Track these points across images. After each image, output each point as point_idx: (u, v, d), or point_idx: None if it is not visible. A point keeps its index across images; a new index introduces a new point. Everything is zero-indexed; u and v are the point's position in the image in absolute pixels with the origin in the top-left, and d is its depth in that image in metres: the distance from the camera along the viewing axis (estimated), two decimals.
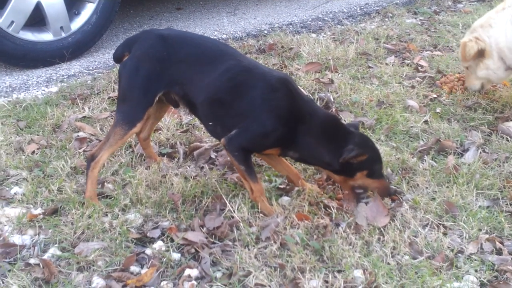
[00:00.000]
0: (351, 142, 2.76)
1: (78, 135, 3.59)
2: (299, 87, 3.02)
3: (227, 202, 2.88)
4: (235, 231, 2.72)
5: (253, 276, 2.44)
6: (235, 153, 2.78)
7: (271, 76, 2.83)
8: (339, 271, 2.51)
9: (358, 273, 2.47)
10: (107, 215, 2.83)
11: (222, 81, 2.80)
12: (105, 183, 3.08)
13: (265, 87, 2.79)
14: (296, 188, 3.04)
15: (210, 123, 2.91)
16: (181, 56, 2.89)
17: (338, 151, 2.74)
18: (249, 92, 2.78)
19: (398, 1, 6.99)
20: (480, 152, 3.44)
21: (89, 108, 3.97)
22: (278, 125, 2.75)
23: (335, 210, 2.86)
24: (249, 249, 2.60)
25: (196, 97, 2.87)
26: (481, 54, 3.81)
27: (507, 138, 3.59)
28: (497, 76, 3.88)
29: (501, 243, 2.70)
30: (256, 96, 2.78)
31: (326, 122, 2.83)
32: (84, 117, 3.86)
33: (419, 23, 6.08)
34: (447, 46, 5.28)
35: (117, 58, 3.04)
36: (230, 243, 2.67)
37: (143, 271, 2.50)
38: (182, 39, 2.98)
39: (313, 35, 5.60)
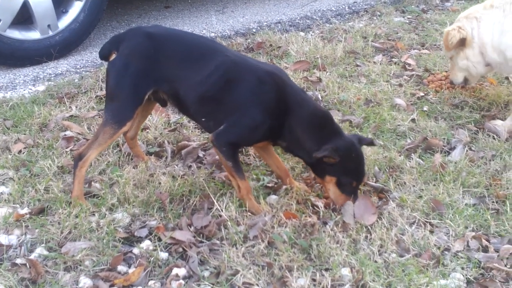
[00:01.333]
0: (334, 142, 2.74)
1: (65, 134, 3.57)
2: (289, 78, 3.00)
3: (215, 201, 2.87)
4: (222, 230, 2.72)
5: (240, 275, 2.44)
6: (223, 149, 2.78)
7: (259, 69, 2.84)
8: (326, 269, 2.51)
9: (345, 271, 2.48)
10: (94, 214, 2.82)
11: (211, 77, 2.80)
12: (92, 183, 3.07)
13: (253, 80, 2.79)
14: (284, 187, 3.04)
15: (203, 119, 2.92)
16: (169, 54, 2.88)
17: (317, 146, 2.73)
18: (238, 87, 2.79)
19: (386, 0, 7.00)
20: (467, 150, 3.46)
21: (76, 107, 3.95)
22: (266, 118, 2.75)
23: (323, 209, 2.87)
24: (236, 248, 2.60)
25: (186, 94, 2.87)
26: (462, 43, 3.83)
27: (493, 136, 3.61)
28: (476, 70, 3.89)
29: (487, 240, 2.72)
30: (245, 90, 2.78)
31: (314, 114, 2.82)
32: (71, 116, 3.84)
33: (407, 21, 6.10)
34: (435, 45, 5.30)
35: (104, 56, 3.02)
36: (218, 242, 2.67)
37: (131, 270, 2.50)
38: (170, 36, 2.97)
39: (302, 33, 5.60)
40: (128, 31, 3.09)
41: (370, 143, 2.98)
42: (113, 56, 2.92)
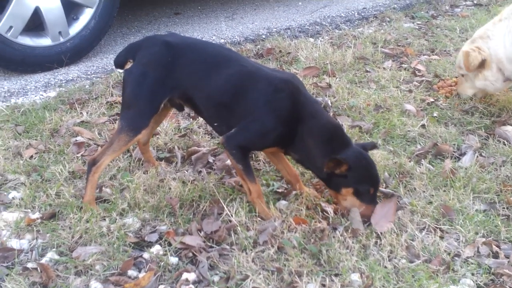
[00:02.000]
0: (345, 152, 2.72)
1: (76, 140, 3.60)
2: (305, 87, 3.01)
3: (224, 206, 2.88)
4: (232, 235, 2.73)
5: (250, 280, 2.44)
6: (233, 151, 2.79)
7: (275, 77, 2.84)
8: (336, 275, 2.51)
9: (355, 276, 2.48)
10: (105, 219, 2.84)
11: (227, 86, 2.82)
12: (103, 188, 3.09)
13: (268, 88, 2.79)
14: (294, 192, 3.05)
15: (216, 124, 2.94)
16: (186, 62, 2.89)
17: (326, 158, 2.71)
18: (253, 95, 2.79)
19: (395, 6, 7.01)
20: (477, 156, 3.45)
21: (87, 113, 3.98)
22: (278, 124, 2.76)
23: (332, 214, 2.87)
24: (246, 253, 2.60)
25: (201, 102, 2.89)
26: (481, 65, 3.83)
27: (504, 142, 3.60)
28: (494, 87, 3.92)
29: (498, 246, 2.71)
30: (259, 97, 2.79)
31: (327, 127, 2.81)
32: (82, 121, 3.87)
33: (417, 27, 6.10)
34: (445, 51, 5.30)
35: (119, 64, 3.03)
36: (228, 247, 2.67)
37: (141, 275, 2.50)
38: (187, 45, 2.98)
39: (311, 39, 5.62)
40: (145, 39, 3.09)
41: (373, 146, 2.98)
42: (129, 65, 2.94)
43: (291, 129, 2.77)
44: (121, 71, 4.48)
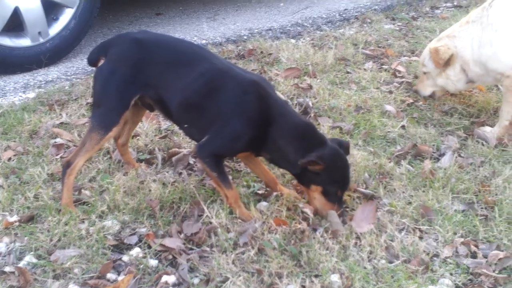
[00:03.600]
0: (319, 150, 2.73)
1: (55, 142, 3.57)
2: (274, 89, 3.01)
3: (205, 208, 2.87)
4: (213, 237, 2.72)
5: (230, 282, 2.44)
6: (206, 160, 2.79)
7: (243, 79, 2.83)
8: (316, 276, 2.52)
9: (335, 277, 2.49)
10: (83, 222, 2.81)
11: (196, 85, 2.81)
12: (82, 190, 3.07)
13: (236, 90, 2.79)
14: (274, 193, 3.05)
15: (186, 126, 2.93)
16: (156, 60, 2.88)
17: (302, 156, 2.72)
18: (221, 95, 2.79)
19: (376, 7, 7.05)
20: (456, 157, 3.48)
21: (66, 114, 3.95)
22: (248, 128, 2.76)
23: (312, 215, 2.87)
24: (226, 255, 2.60)
25: (170, 100, 2.87)
26: (448, 62, 3.89)
27: (482, 143, 3.63)
28: (455, 87, 4.00)
29: (476, 246, 2.73)
30: (227, 99, 2.79)
31: (298, 125, 2.81)
32: (62, 123, 3.83)
33: (397, 29, 6.14)
34: None
35: (92, 61, 3.03)
36: (208, 249, 2.67)
37: (120, 278, 2.49)
38: (157, 42, 2.97)
39: (292, 40, 5.63)
40: (116, 37, 3.09)
41: (347, 147, 2.95)
42: (101, 62, 2.93)
43: (262, 132, 2.77)
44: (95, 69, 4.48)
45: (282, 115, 2.79)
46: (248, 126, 2.76)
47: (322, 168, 2.72)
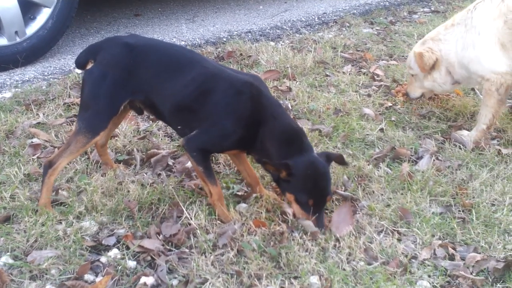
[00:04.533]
0: (294, 159, 2.70)
1: (32, 142, 3.53)
2: (267, 89, 3.00)
3: (184, 209, 2.86)
4: (192, 238, 2.71)
5: (209, 284, 2.43)
6: (193, 153, 2.78)
7: (237, 79, 2.83)
8: (295, 278, 2.52)
9: (314, 279, 2.49)
10: (61, 222, 2.78)
11: (189, 89, 2.80)
12: (60, 190, 3.03)
13: (229, 91, 2.79)
14: (254, 195, 3.05)
15: (179, 127, 2.92)
16: (148, 65, 2.87)
17: (280, 160, 2.71)
18: (214, 97, 2.78)
19: (355, 11, 7.09)
20: (434, 160, 3.51)
21: (43, 114, 3.90)
22: (238, 127, 2.75)
23: (292, 217, 2.87)
24: (206, 256, 2.59)
25: (163, 104, 2.87)
26: (433, 66, 3.92)
27: (459, 146, 3.67)
28: (442, 88, 4.04)
29: (454, 248, 2.76)
30: (220, 99, 2.78)
31: (287, 129, 2.80)
32: (39, 123, 3.79)
33: (376, 33, 6.18)
34: (403, 56, 5.37)
35: (80, 64, 3.00)
36: (187, 250, 2.66)
37: (98, 279, 2.46)
38: (148, 47, 2.96)
39: (272, 43, 5.63)
40: (106, 40, 3.06)
41: (340, 159, 2.91)
42: (90, 65, 2.90)
43: (252, 132, 2.77)
44: (80, 72, 4.43)
45: (273, 117, 2.79)
46: (238, 125, 2.75)
47: (291, 176, 2.71)
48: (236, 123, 2.75)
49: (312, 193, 2.75)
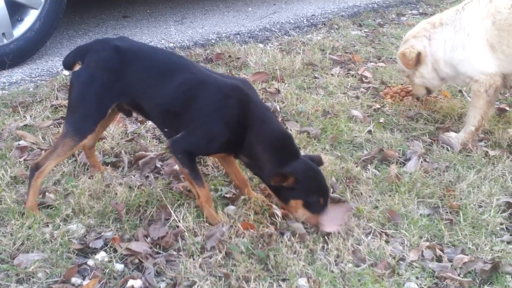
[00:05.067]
0: (292, 165, 2.71)
1: (19, 144, 3.50)
2: (256, 93, 2.99)
3: (172, 212, 2.85)
4: (180, 241, 2.70)
5: (197, 286, 2.43)
6: (179, 156, 2.77)
7: (224, 84, 2.82)
8: (283, 280, 2.51)
9: (302, 281, 2.49)
10: (48, 225, 2.77)
11: (176, 94, 2.80)
12: (47, 193, 3.01)
13: (217, 95, 2.78)
14: (242, 197, 3.04)
15: (166, 130, 2.92)
16: (136, 68, 2.86)
17: (274, 168, 2.71)
18: (202, 102, 2.78)
19: (343, 13, 7.12)
20: (422, 162, 3.52)
21: (30, 116, 3.88)
22: (224, 131, 2.75)
23: (280, 219, 2.87)
24: (194, 259, 2.58)
25: (150, 108, 2.87)
26: (418, 61, 3.93)
27: (447, 148, 3.69)
28: (433, 84, 4.05)
29: (441, 250, 2.77)
30: (208, 104, 2.77)
31: (275, 134, 2.80)
32: (26, 125, 3.77)
33: (364, 35, 6.20)
34: (391, 58, 5.40)
35: (67, 65, 2.98)
36: (175, 253, 2.65)
37: (85, 282, 2.45)
38: (137, 50, 2.94)
39: (260, 45, 5.64)
40: (94, 42, 3.03)
41: (318, 160, 2.93)
42: (78, 67, 2.88)
43: (239, 136, 2.76)
44: (68, 73, 4.41)
45: (261, 121, 2.79)
46: (224, 129, 2.75)
47: (295, 181, 2.71)
48: (223, 127, 2.75)
49: (320, 192, 2.79)
